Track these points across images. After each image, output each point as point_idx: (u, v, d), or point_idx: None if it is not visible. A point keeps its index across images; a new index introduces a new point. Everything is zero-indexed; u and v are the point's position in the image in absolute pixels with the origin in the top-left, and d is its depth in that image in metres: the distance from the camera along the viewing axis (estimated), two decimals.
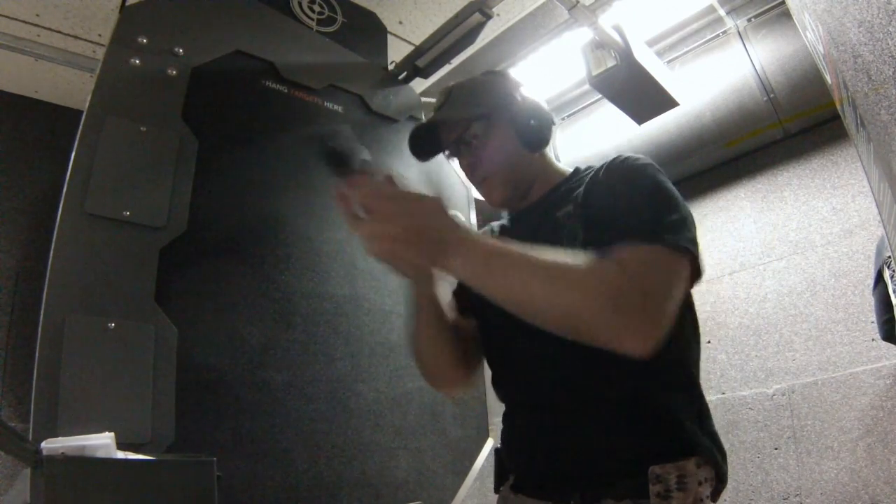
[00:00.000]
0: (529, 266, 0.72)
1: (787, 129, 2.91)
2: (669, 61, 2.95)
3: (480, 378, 1.10)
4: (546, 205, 0.98)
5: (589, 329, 0.71)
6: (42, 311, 1.39)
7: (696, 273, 0.82)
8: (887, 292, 2.07)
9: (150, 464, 1.17)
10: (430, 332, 0.95)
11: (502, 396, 1.00)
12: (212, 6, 1.95)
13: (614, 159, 0.92)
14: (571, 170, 1.04)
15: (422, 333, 0.95)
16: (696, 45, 2.93)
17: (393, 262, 0.74)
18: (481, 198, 1.06)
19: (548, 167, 1.04)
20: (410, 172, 2.32)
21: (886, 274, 2.06)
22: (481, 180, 1.01)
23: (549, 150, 1.06)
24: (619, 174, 0.89)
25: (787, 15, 2.58)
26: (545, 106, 1.04)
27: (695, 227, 0.84)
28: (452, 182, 2.46)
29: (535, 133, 0.99)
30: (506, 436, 0.97)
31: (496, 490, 0.98)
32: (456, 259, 0.70)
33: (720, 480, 0.85)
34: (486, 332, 1.01)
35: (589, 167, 0.99)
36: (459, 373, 1.00)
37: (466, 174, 1.03)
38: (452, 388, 1.07)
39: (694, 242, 0.81)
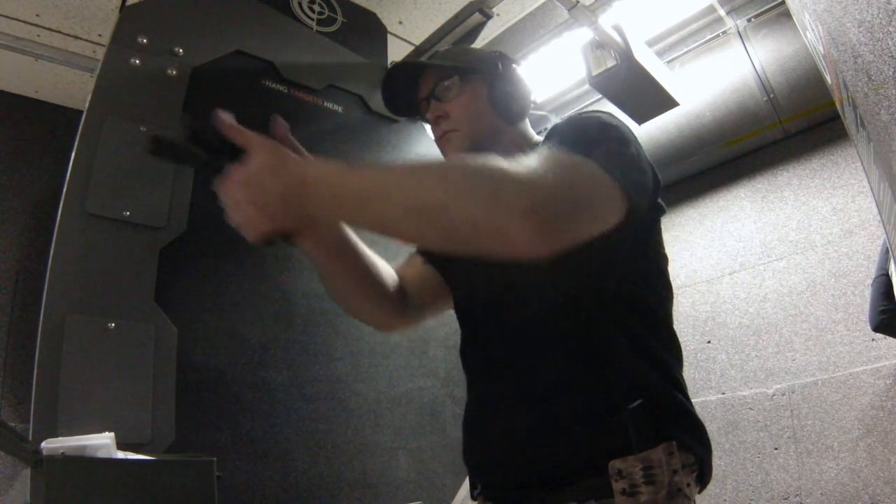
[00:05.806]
0: (388, 173, 0.67)
1: (787, 129, 2.91)
2: (669, 61, 2.95)
3: (424, 319, 1.07)
4: None
5: (469, 223, 0.60)
6: (42, 311, 1.39)
7: (631, 217, 0.71)
8: (889, 283, 2.06)
9: (150, 464, 1.17)
10: (341, 278, 0.92)
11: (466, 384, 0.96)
12: (212, 6, 1.95)
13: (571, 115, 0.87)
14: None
15: (333, 281, 0.93)
16: (696, 45, 2.93)
17: (268, 235, 0.70)
18: None
19: (524, 142, 0.99)
20: None
21: (892, 267, 2.05)
22: (442, 134, 0.97)
23: (528, 127, 1.03)
24: (570, 122, 0.81)
25: (787, 15, 2.57)
26: (527, 83, 1.02)
27: (649, 177, 0.77)
28: None
29: (510, 101, 0.97)
30: (464, 441, 0.92)
31: (472, 498, 0.92)
32: (311, 206, 0.67)
33: (702, 463, 0.77)
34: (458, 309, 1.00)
35: None
36: (388, 314, 0.98)
37: (432, 128, 1.00)
38: (385, 328, 1.03)
39: (638, 184, 0.72)
